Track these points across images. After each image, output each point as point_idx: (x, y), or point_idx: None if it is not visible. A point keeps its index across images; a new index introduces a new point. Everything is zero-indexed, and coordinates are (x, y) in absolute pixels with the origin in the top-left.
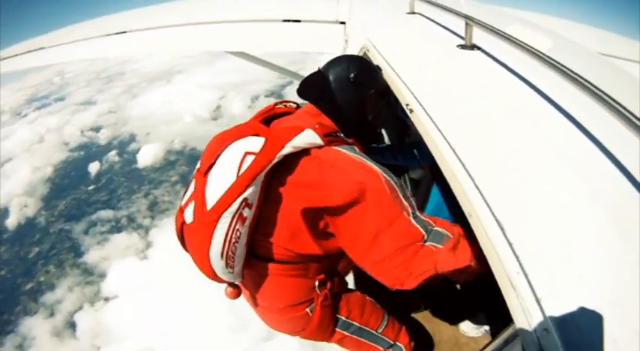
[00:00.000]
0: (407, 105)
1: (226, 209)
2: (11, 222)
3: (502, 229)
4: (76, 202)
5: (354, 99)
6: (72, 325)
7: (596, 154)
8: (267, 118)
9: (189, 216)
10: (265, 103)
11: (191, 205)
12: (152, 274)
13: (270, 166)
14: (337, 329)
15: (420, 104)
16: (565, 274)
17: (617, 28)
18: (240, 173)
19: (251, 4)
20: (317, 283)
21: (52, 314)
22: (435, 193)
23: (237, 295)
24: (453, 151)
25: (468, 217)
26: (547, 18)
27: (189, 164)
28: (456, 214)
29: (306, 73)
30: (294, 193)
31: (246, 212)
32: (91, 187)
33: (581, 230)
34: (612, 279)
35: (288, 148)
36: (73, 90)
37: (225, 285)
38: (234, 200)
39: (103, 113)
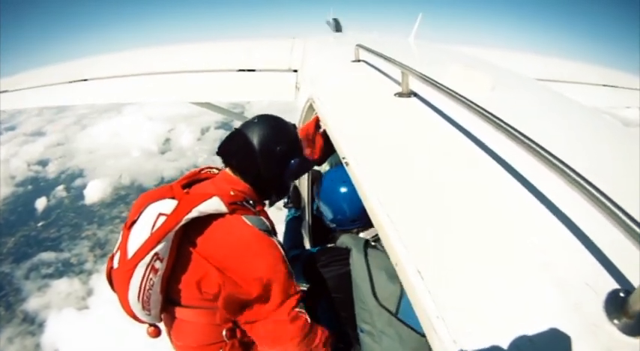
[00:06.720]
0: (343, 158)
1: (140, 261)
2: None
3: (422, 278)
4: (25, 240)
5: (277, 169)
6: None
7: (529, 204)
8: (193, 181)
9: (116, 262)
10: (216, 135)
11: (118, 253)
12: (93, 325)
13: (178, 226)
14: None
15: (354, 157)
16: (477, 318)
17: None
18: (152, 231)
19: (207, 53)
20: (224, 331)
21: None
22: None
23: (157, 334)
24: (381, 204)
25: (395, 266)
26: (499, 53)
27: None
28: None
29: (249, 113)
30: (201, 255)
31: (158, 265)
32: (40, 224)
33: (493, 277)
34: (522, 323)
35: (194, 213)
36: (24, 119)
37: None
38: (147, 254)
39: (51, 145)
